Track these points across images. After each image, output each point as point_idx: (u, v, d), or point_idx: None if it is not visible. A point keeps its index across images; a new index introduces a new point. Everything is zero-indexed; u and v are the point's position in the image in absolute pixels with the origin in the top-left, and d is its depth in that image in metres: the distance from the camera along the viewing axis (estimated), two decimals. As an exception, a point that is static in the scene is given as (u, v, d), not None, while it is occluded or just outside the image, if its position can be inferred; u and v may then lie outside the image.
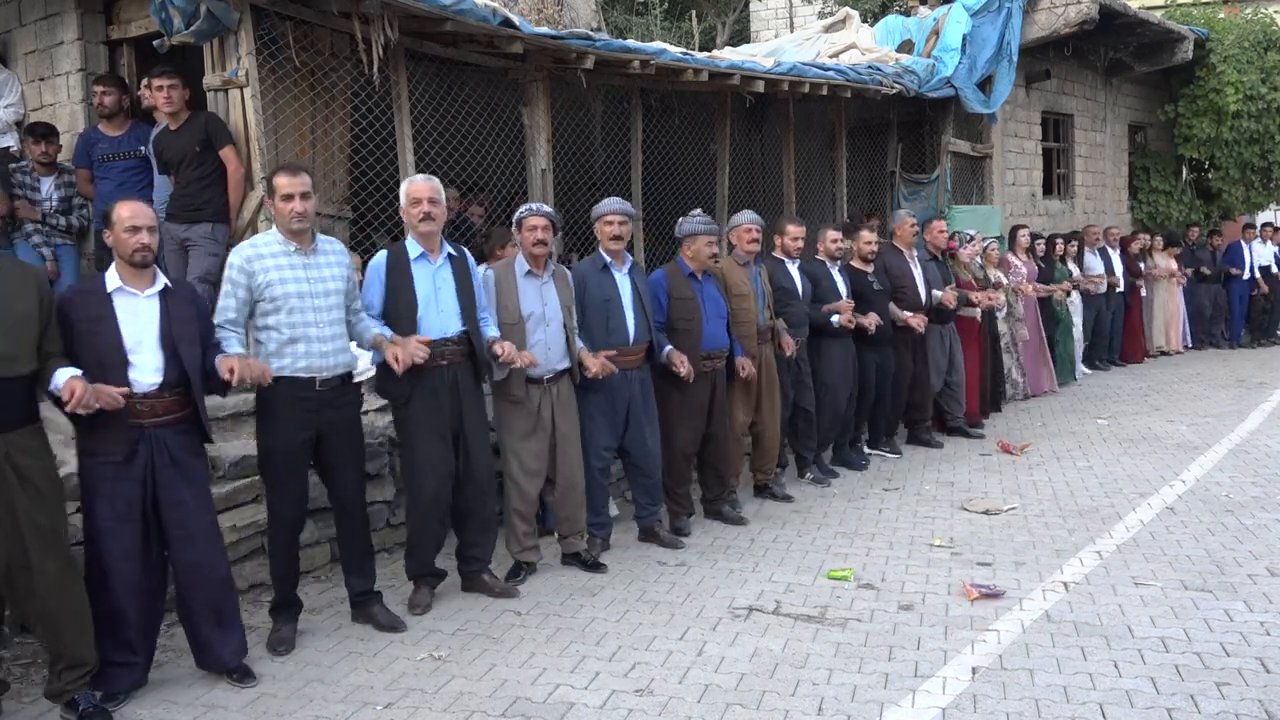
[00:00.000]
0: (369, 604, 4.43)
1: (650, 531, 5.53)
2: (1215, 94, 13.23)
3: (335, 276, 4.18)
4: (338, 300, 4.18)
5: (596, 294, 5.18)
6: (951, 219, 9.83)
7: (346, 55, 5.67)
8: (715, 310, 5.67)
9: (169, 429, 3.67)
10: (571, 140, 7.45)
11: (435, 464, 4.45)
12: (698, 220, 5.64)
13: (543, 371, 4.86)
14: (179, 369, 3.66)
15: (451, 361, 4.47)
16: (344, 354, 4.20)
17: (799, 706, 3.60)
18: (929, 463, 7.25)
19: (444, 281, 4.51)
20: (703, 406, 5.65)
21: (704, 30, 19.53)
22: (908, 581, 4.85)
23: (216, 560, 3.84)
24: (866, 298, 6.95)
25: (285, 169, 4.12)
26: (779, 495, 6.29)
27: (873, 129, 10.21)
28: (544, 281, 4.93)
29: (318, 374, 4.09)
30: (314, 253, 4.15)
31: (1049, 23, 10.64)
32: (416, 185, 4.49)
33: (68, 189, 6.06)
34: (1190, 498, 6.16)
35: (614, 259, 5.25)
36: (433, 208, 4.44)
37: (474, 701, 3.69)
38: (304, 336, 4.05)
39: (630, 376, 5.24)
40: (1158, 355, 12.35)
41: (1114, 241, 11.58)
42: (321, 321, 4.09)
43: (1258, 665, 3.82)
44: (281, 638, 4.18)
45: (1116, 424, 8.47)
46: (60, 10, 6.13)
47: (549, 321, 4.88)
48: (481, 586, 4.75)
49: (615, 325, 5.19)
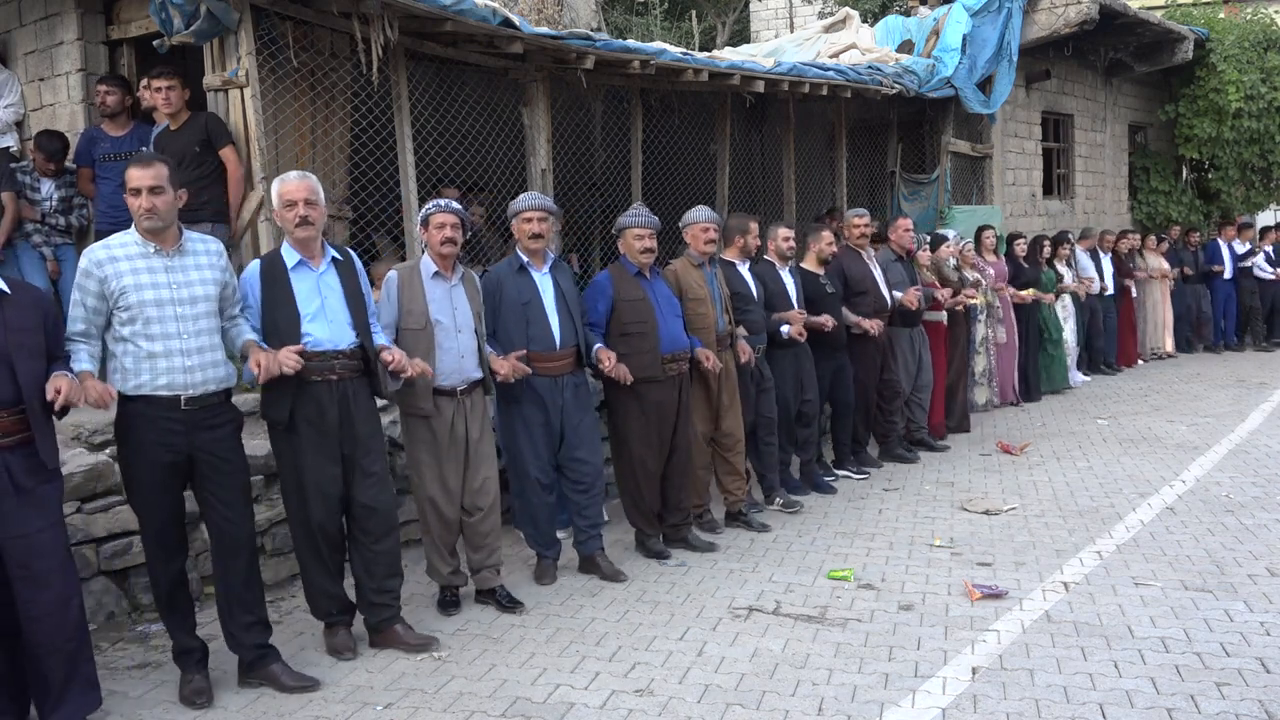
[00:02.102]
0: (267, 660, 3.83)
1: (590, 561, 5.03)
2: (1215, 94, 13.22)
3: (205, 280, 3.69)
4: (207, 307, 3.68)
5: (514, 297, 4.78)
6: (951, 219, 9.85)
7: (346, 55, 5.67)
8: (670, 309, 5.26)
9: (8, 452, 3.22)
10: (571, 140, 7.45)
11: (326, 492, 3.97)
12: (630, 214, 5.25)
13: (456, 382, 4.44)
14: (14, 385, 3.22)
15: (342, 376, 3.96)
16: (216, 368, 3.70)
17: (799, 706, 3.60)
18: (929, 463, 7.24)
19: (330, 289, 4.01)
20: (667, 416, 5.20)
21: (704, 30, 19.53)
22: (908, 581, 4.85)
23: (67, 605, 3.34)
24: (818, 302, 6.49)
25: (136, 160, 3.63)
26: (756, 525, 5.71)
27: (873, 129, 10.21)
28: (453, 284, 4.50)
29: (182, 391, 3.58)
30: (179, 253, 3.65)
31: (1049, 23, 10.64)
32: (289, 185, 3.96)
33: (68, 189, 6.07)
34: (1190, 498, 6.16)
35: (533, 259, 4.85)
36: (310, 210, 3.93)
37: (474, 701, 3.69)
38: (165, 350, 3.56)
39: (560, 383, 4.83)
40: (1150, 359, 12.04)
41: (1106, 247, 11.25)
42: (186, 332, 3.60)
43: (1258, 665, 3.82)
44: (196, 689, 3.71)
45: (1116, 424, 8.47)
46: (60, 10, 6.13)
47: (460, 329, 4.46)
48: (394, 640, 4.14)
49: (538, 330, 4.79)
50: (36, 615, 3.29)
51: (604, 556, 5.06)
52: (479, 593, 4.67)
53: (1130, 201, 14.44)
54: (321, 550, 4.04)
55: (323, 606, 4.14)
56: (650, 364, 5.08)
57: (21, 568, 3.27)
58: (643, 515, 5.28)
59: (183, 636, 3.77)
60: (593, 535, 5.04)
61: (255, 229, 5.39)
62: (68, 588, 3.38)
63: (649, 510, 5.27)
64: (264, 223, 5.27)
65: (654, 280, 5.29)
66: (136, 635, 4.32)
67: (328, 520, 4.01)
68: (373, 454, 4.09)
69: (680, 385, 5.29)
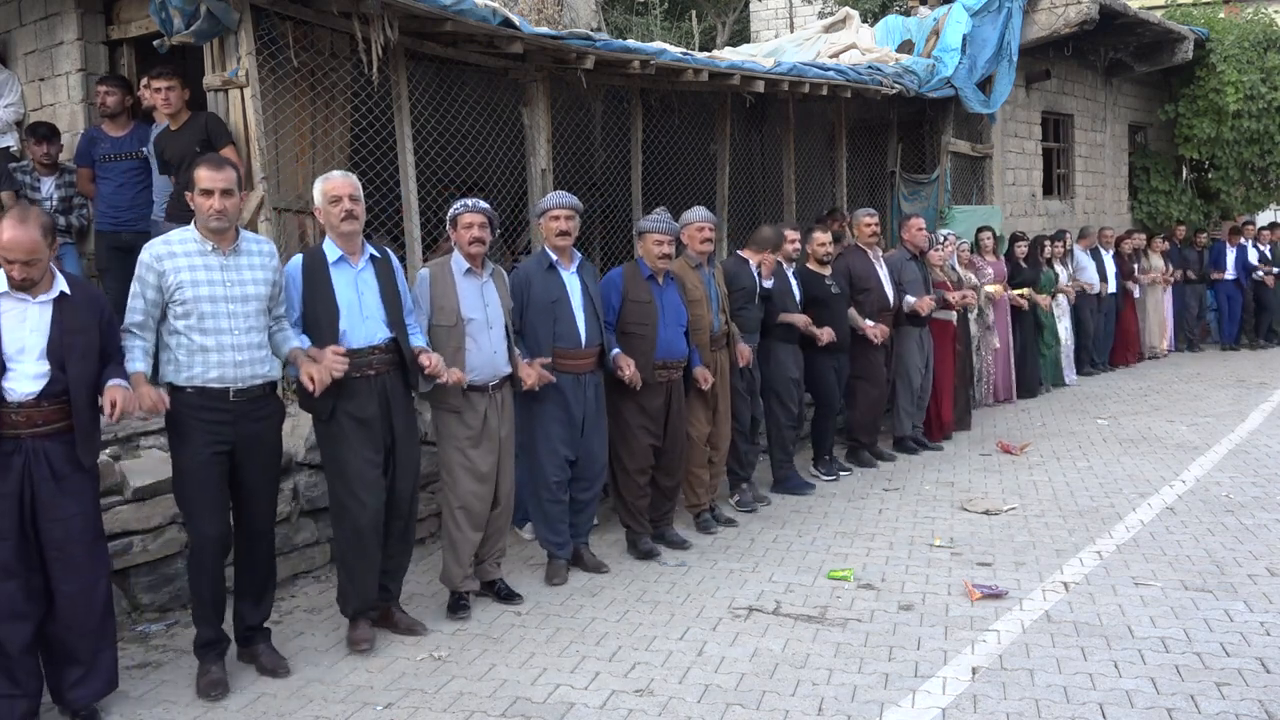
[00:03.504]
0: (255, 640, 4.02)
1: (575, 553, 5.10)
2: (1215, 94, 13.21)
3: (257, 280, 3.85)
4: (258, 306, 3.85)
5: (542, 295, 4.84)
6: (951, 219, 9.85)
7: (346, 55, 5.66)
8: (675, 317, 5.31)
9: (48, 440, 3.42)
10: (571, 140, 7.44)
11: (370, 483, 4.06)
12: (652, 219, 5.31)
13: (488, 377, 4.50)
14: (64, 380, 3.42)
15: (379, 371, 4.11)
16: (263, 363, 3.86)
17: (799, 706, 3.60)
18: (929, 463, 7.24)
19: (367, 286, 4.14)
20: (653, 419, 5.25)
21: (704, 30, 19.53)
22: (908, 581, 4.85)
23: (94, 588, 3.55)
24: (823, 302, 6.53)
25: (207, 162, 3.81)
26: (722, 520, 5.75)
27: (873, 129, 10.20)
28: (484, 281, 4.56)
29: (231, 384, 3.75)
30: (235, 253, 3.82)
31: (1049, 23, 10.64)
32: (335, 182, 4.13)
33: (68, 188, 6.06)
34: (1190, 498, 6.16)
35: (560, 257, 4.92)
36: (354, 206, 4.09)
37: (474, 701, 3.70)
38: (217, 344, 3.72)
39: (584, 381, 4.92)
40: (1146, 358, 12.07)
41: (1108, 243, 11.30)
42: (237, 329, 3.76)
43: (1258, 665, 3.82)
44: (213, 680, 3.80)
45: (1116, 424, 8.47)
46: (60, 10, 6.13)
47: (492, 324, 4.52)
48: (387, 621, 4.32)
49: (565, 328, 4.86)
50: (69, 593, 3.49)
51: (588, 550, 5.17)
52: (481, 585, 4.69)
53: (1130, 201, 14.44)
54: (370, 543, 4.11)
55: (362, 599, 4.19)
56: (642, 366, 5.11)
57: (57, 550, 3.46)
58: (630, 514, 5.34)
59: (208, 629, 3.86)
60: (582, 531, 5.14)
61: (255, 229, 5.38)
62: (96, 571, 3.57)
63: (636, 510, 5.32)
64: (264, 222, 5.27)
65: (666, 286, 5.34)
66: (136, 635, 4.31)
67: (376, 514, 4.10)
68: (410, 445, 4.24)
69: (670, 392, 5.31)
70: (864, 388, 7.03)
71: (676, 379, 5.35)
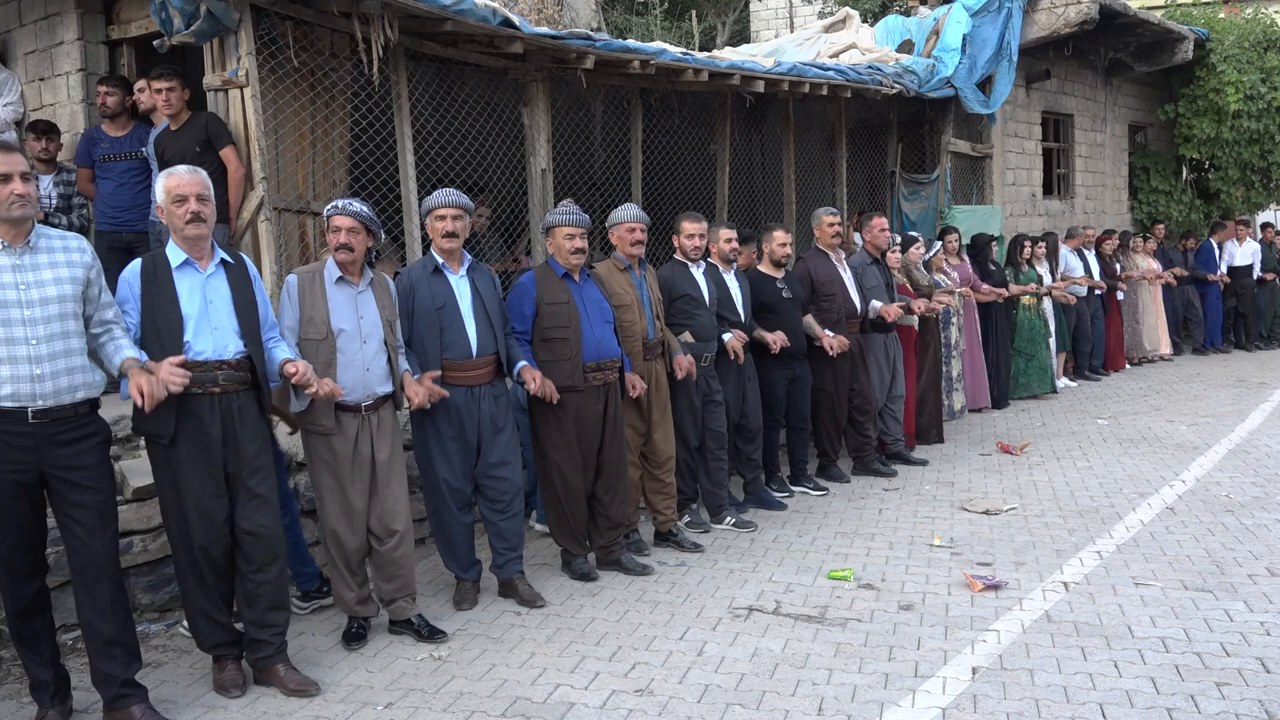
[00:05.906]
0: (127, 703, 3.48)
1: (509, 585, 4.68)
2: (1215, 94, 13.22)
3: (61, 280, 3.34)
4: (60, 309, 3.32)
5: (427, 302, 4.41)
6: (951, 219, 9.84)
7: (346, 55, 5.67)
8: (600, 314, 4.90)
9: None
10: (571, 140, 7.45)
11: (205, 511, 3.64)
12: (558, 211, 4.89)
13: (360, 397, 4.08)
14: None
15: (226, 389, 3.63)
16: (74, 375, 3.35)
17: (799, 706, 3.60)
18: (929, 463, 7.24)
19: (217, 293, 3.68)
20: (590, 428, 4.84)
21: (704, 30, 19.53)
22: (908, 581, 4.85)
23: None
24: (774, 308, 6.07)
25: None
26: (687, 545, 5.36)
27: (873, 129, 10.21)
28: (360, 290, 4.13)
29: (29, 403, 3.24)
30: (30, 250, 3.31)
31: (1049, 23, 10.64)
32: (180, 178, 3.66)
33: (67, 187, 6.06)
34: (1190, 498, 6.16)
35: (448, 260, 4.50)
36: (202, 207, 3.64)
37: (474, 701, 3.70)
38: (8, 356, 3.22)
39: (478, 393, 4.49)
40: (1141, 362, 11.85)
41: (1089, 243, 11.02)
42: (35, 337, 3.25)
43: (1258, 665, 3.82)
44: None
45: (1116, 424, 8.47)
46: (60, 10, 6.13)
47: (366, 338, 4.10)
48: (275, 680, 3.80)
49: (453, 336, 4.43)
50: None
51: (524, 580, 4.72)
52: (393, 623, 4.32)
53: (1130, 201, 14.44)
54: (205, 576, 3.71)
55: (208, 637, 3.81)
56: (570, 372, 4.75)
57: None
58: (567, 534, 4.98)
59: (35, 668, 3.47)
60: (511, 558, 4.69)
61: (256, 229, 5.39)
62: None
63: (574, 530, 4.96)
64: (264, 223, 5.28)
65: (584, 284, 4.94)
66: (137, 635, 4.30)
67: (211, 544, 3.68)
68: (259, 474, 3.74)
69: (606, 396, 4.91)
70: (824, 398, 6.59)
71: (613, 380, 4.96)
